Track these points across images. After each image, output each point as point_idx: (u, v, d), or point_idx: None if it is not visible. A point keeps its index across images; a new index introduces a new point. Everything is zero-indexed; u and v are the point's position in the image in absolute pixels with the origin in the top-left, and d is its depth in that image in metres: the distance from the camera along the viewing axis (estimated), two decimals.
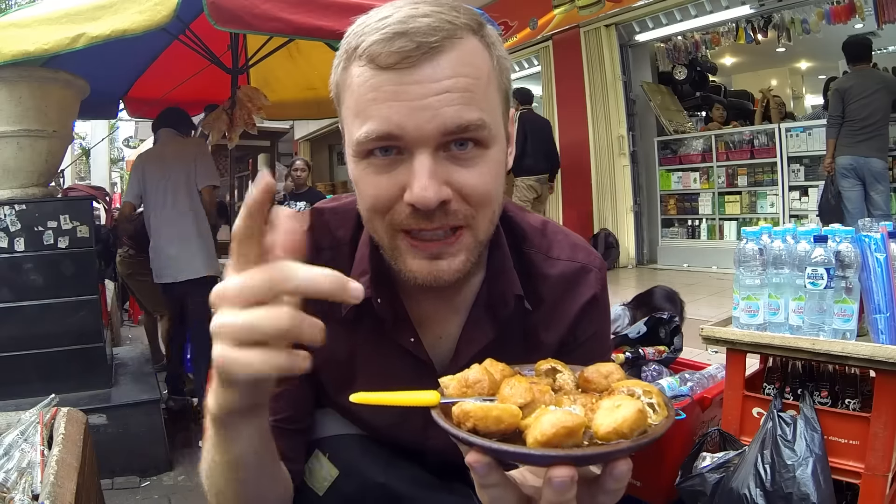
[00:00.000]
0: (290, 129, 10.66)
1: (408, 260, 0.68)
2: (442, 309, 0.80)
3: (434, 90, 0.62)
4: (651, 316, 2.46)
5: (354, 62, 0.65)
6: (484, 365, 0.59)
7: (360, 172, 0.67)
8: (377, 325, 0.77)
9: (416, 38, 0.61)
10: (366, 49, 0.63)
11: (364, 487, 0.80)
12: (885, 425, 1.51)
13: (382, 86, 0.62)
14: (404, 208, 0.64)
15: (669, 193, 7.00)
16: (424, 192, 0.62)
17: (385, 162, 0.64)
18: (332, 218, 0.82)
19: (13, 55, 2.29)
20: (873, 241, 1.55)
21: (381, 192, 0.65)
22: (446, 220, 0.65)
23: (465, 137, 0.64)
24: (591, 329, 0.84)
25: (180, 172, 3.34)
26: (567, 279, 0.83)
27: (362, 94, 0.64)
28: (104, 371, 2.91)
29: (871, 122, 4.66)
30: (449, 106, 0.62)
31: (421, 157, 0.63)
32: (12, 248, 2.66)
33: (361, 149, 0.65)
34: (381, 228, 0.68)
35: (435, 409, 0.54)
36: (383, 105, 0.62)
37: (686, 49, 7.00)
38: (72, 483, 1.19)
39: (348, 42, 0.66)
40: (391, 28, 0.62)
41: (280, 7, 2.31)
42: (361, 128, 0.63)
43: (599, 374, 0.58)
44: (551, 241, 0.84)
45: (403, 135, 0.62)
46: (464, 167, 0.64)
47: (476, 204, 0.66)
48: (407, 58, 0.61)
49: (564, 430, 0.47)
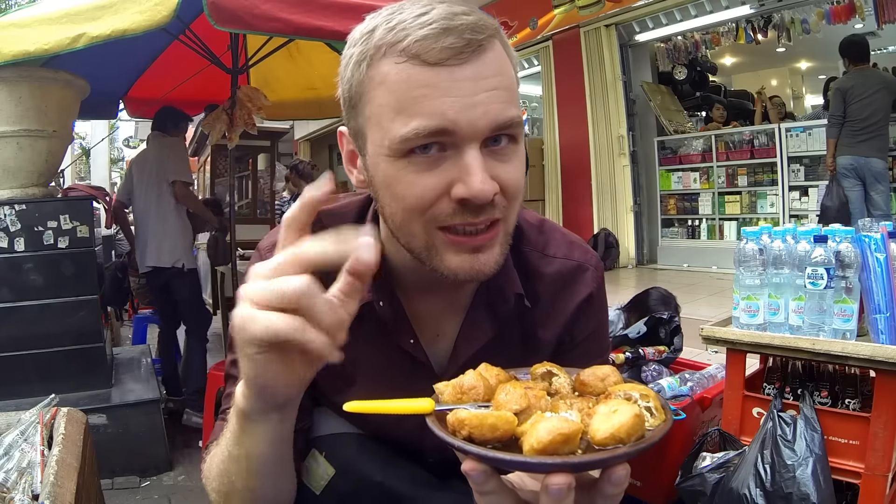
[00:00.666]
0: (290, 129, 10.65)
1: (447, 257, 0.67)
2: (439, 309, 0.80)
3: (484, 87, 0.62)
4: (651, 316, 2.46)
5: (388, 58, 0.63)
6: (479, 370, 0.58)
7: (398, 172, 0.64)
8: (376, 326, 0.77)
9: (464, 35, 0.62)
10: (409, 45, 0.62)
11: (361, 486, 0.80)
12: (885, 425, 1.51)
13: (433, 82, 0.61)
14: (448, 205, 0.64)
15: (669, 193, 7.00)
16: (483, 185, 0.62)
17: (429, 160, 0.63)
18: (329, 221, 0.80)
19: (13, 55, 2.29)
20: (873, 241, 1.55)
21: (426, 190, 0.64)
22: (491, 214, 0.65)
23: (507, 133, 0.65)
24: (589, 328, 0.85)
25: (159, 169, 3.53)
26: (563, 277, 0.83)
27: (407, 91, 0.62)
28: (104, 371, 2.91)
29: (871, 122, 4.66)
30: (497, 102, 0.63)
31: (472, 153, 0.62)
32: (12, 248, 2.66)
33: (404, 146, 0.63)
34: (419, 228, 0.66)
35: (430, 417, 0.54)
36: (436, 101, 0.61)
37: (686, 49, 7.00)
38: (72, 483, 1.19)
39: (378, 38, 0.64)
40: (438, 24, 0.61)
41: (280, 7, 2.31)
42: (408, 124, 0.62)
43: (596, 378, 0.58)
44: (548, 239, 0.85)
45: (456, 130, 0.62)
46: (502, 162, 0.65)
47: (511, 197, 0.67)
48: (458, 54, 0.61)
49: (561, 438, 0.47)
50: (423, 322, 0.80)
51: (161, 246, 3.49)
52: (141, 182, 3.60)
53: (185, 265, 3.49)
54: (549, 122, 7.58)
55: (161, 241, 3.49)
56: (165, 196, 3.52)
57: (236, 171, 5.20)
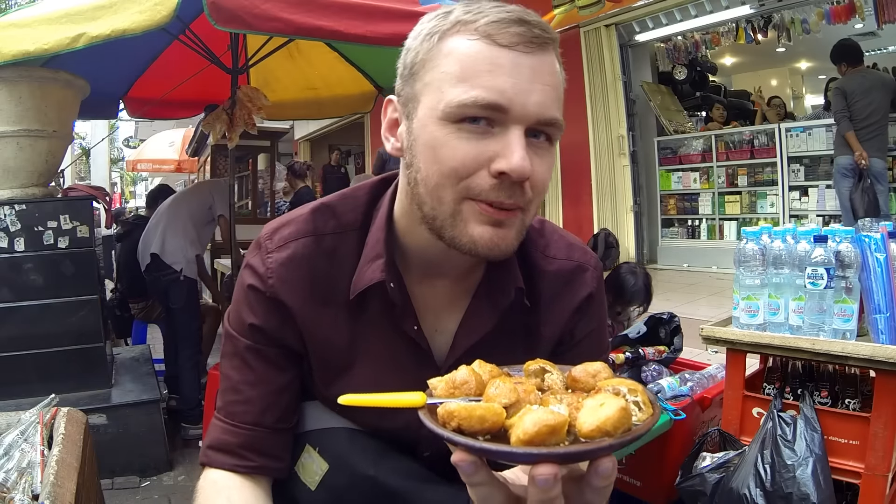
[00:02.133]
0: (290, 129, 10.66)
1: (471, 225, 0.69)
2: (444, 297, 0.81)
3: (541, 80, 0.67)
4: (651, 316, 2.46)
5: (462, 35, 0.68)
6: (472, 366, 0.59)
7: (446, 136, 0.67)
8: (382, 310, 0.78)
9: (535, 29, 0.67)
10: (483, 24, 0.67)
11: (354, 481, 0.80)
12: (885, 425, 1.51)
13: (500, 61, 0.66)
14: (485, 178, 0.67)
15: (669, 193, 6.99)
16: (524, 161, 0.65)
17: (477, 130, 0.66)
18: (340, 203, 0.82)
19: (13, 55, 2.28)
20: (873, 241, 1.55)
21: (467, 157, 0.66)
22: (519, 199, 0.68)
23: (546, 131, 0.69)
24: (588, 327, 0.86)
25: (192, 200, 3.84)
26: (563, 277, 0.84)
27: (474, 64, 0.66)
28: (104, 371, 2.91)
29: (871, 122, 4.66)
30: (550, 98, 0.68)
31: (517, 132, 0.66)
32: (12, 248, 2.66)
33: (459, 112, 0.66)
34: (450, 195, 0.68)
35: (422, 410, 0.55)
36: (498, 78, 0.65)
37: (686, 49, 6.99)
38: (72, 483, 1.19)
39: (452, 17, 0.69)
40: (513, 14, 0.67)
41: (280, 7, 2.31)
42: (469, 92, 0.65)
43: (587, 374, 0.59)
44: (548, 240, 0.86)
45: (510, 108, 0.65)
46: (538, 156, 0.68)
47: (537, 191, 0.70)
48: (527, 42, 0.67)
49: (547, 429, 0.48)
50: (427, 311, 0.80)
51: (170, 242, 3.53)
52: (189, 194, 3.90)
53: (182, 270, 3.50)
54: None
55: (172, 238, 3.54)
56: (198, 216, 3.73)
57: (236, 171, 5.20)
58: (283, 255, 0.78)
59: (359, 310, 0.79)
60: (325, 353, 0.81)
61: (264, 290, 0.78)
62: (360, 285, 0.77)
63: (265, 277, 0.78)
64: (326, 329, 0.79)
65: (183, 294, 3.54)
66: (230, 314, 0.83)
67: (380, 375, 0.80)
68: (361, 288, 0.77)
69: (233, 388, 0.80)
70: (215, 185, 4.13)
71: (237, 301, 0.81)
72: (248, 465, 0.79)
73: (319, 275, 0.78)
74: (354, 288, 0.77)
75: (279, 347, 0.80)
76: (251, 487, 0.79)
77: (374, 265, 0.76)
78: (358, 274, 0.78)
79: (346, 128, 11.51)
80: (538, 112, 0.66)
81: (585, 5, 6.83)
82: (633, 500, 1.99)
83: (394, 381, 0.78)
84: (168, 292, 3.57)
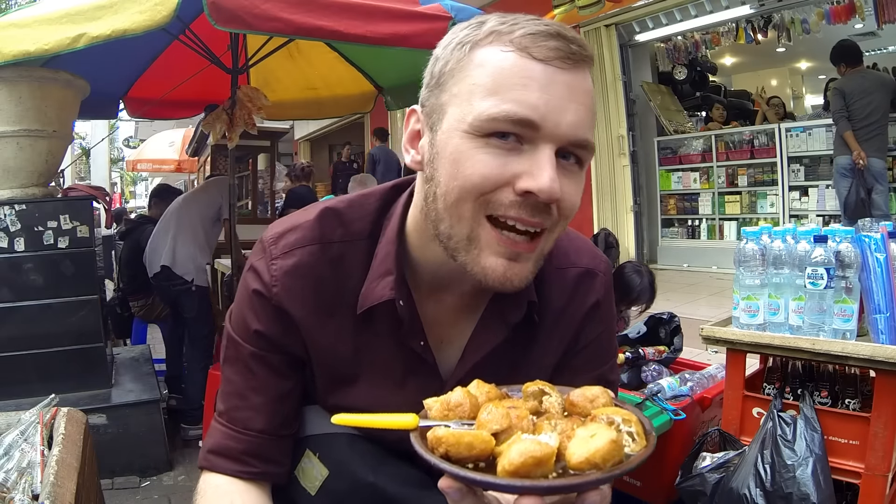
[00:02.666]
0: (290, 129, 10.65)
1: (485, 254, 0.66)
2: (453, 311, 0.79)
3: (577, 98, 0.65)
4: (651, 316, 2.46)
5: (495, 45, 0.65)
6: (468, 388, 0.59)
7: (471, 150, 0.64)
8: (390, 325, 0.76)
9: (572, 45, 0.64)
10: (518, 36, 0.64)
11: (354, 487, 0.80)
12: (885, 425, 1.51)
13: (534, 75, 0.63)
14: (509, 195, 0.64)
15: (669, 193, 6.99)
16: (553, 182, 0.62)
17: (505, 146, 0.64)
18: (348, 211, 0.79)
19: (13, 55, 2.28)
20: (873, 241, 1.55)
21: (493, 172, 0.64)
22: (544, 220, 0.65)
23: (576, 153, 0.66)
24: (595, 333, 0.84)
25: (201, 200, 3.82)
26: (571, 285, 0.82)
27: (507, 77, 0.63)
28: (104, 371, 2.91)
29: (870, 122, 4.66)
30: (583, 119, 0.65)
31: (548, 152, 0.63)
32: (12, 248, 2.66)
33: (487, 126, 0.63)
34: (468, 212, 0.66)
35: (414, 433, 0.56)
36: (532, 93, 0.63)
37: (686, 49, 6.99)
38: (72, 483, 1.19)
39: (490, 27, 0.66)
40: (550, 28, 0.65)
41: (280, 7, 2.30)
42: (500, 106, 0.63)
43: (585, 398, 0.58)
44: (557, 249, 0.82)
45: (542, 126, 0.63)
46: (566, 178, 0.66)
47: (564, 215, 0.67)
48: (564, 58, 0.64)
49: (532, 461, 0.47)
50: (435, 326, 0.79)
51: (181, 251, 3.51)
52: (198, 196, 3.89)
53: (194, 280, 3.48)
54: None
55: (183, 247, 3.52)
56: (208, 218, 3.70)
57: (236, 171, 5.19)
58: (288, 263, 0.76)
59: (365, 322, 0.77)
60: (329, 363, 0.80)
61: (269, 297, 0.76)
62: (369, 301, 0.75)
63: (270, 285, 0.76)
64: (331, 339, 0.78)
65: (195, 304, 3.53)
66: (232, 316, 0.81)
67: (382, 387, 0.79)
68: (370, 304, 0.75)
69: (237, 393, 0.80)
70: (223, 183, 4.09)
71: (240, 304, 0.80)
72: (250, 472, 0.78)
73: (325, 284, 0.77)
74: (362, 303, 0.75)
75: (283, 354, 0.79)
76: (253, 492, 0.78)
77: (383, 282, 0.74)
78: (366, 288, 0.76)
79: (346, 128, 11.51)
80: (571, 132, 0.64)
81: (585, 5, 6.83)
82: (633, 500, 1.99)
83: (396, 394, 0.78)
84: (180, 302, 3.57)
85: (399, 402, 0.78)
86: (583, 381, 0.82)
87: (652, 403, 1.95)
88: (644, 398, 1.97)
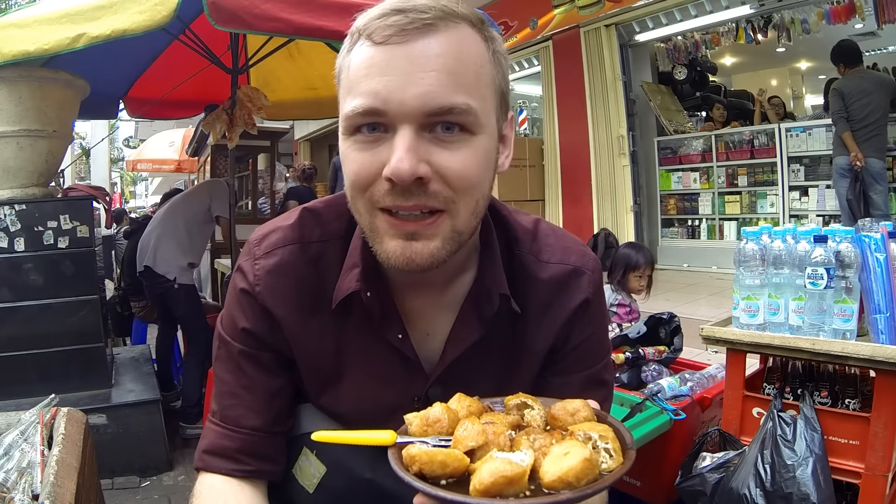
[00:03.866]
0: (290, 129, 10.65)
1: (385, 240, 0.67)
2: (431, 306, 0.79)
3: (422, 66, 0.62)
4: (651, 316, 2.46)
5: (357, 43, 0.66)
6: (449, 403, 0.59)
7: (346, 150, 0.67)
8: (366, 319, 0.77)
9: (410, 14, 0.63)
10: (365, 25, 0.65)
11: (352, 484, 0.80)
12: (885, 425, 1.51)
13: (374, 61, 0.63)
14: (383, 185, 0.64)
15: (669, 193, 6.99)
16: (400, 163, 0.61)
17: (370, 139, 0.65)
18: (326, 211, 0.81)
19: (13, 55, 2.28)
20: (873, 241, 1.55)
21: (362, 168, 0.65)
22: (424, 200, 0.64)
23: (451, 121, 0.64)
24: (584, 333, 0.82)
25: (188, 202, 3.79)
26: (558, 282, 0.81)
27: (356, 71, 0.65)
28: (104, 371, 2.91)
29: (870, 122, 4.65)
30: (437, 85, 0.62)
31: (402, 133, 0.63)
32: (12, 248, 2.66)
33: (349, 124, 0.66)
34: (362, 207, 0.68)
35: (391, 449, 0.56)
36: (373, 80, 0.63)
37: (686, 49, 6.98)
38: (72, 483, 1.19)
39: (354, 26, 0.67)
40: (391, 5, 0.64)
41: (280, 7, 2.31)
42: (351, 103, 0.65)
43: (566, 412, 0.59)
44: (542, 244, 0.82)
45: (388, 110, 0.63)
46: (446, 149, 0.64)
47: (457, 188, 0.65)
48: (400, 31, 0.63)
49: (503, 480, 0.48)
50: (414, 319, 0.79)
51: (161, 252, 3.50)
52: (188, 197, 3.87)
53: (176, 279, 3.48)
54: (549, 122, 7.57)
55: (164, 248, 3.51)
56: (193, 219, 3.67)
57: (236, 171, 5.20)
58: (269, 263, 0.77)
59: (345, 319, 0.78)
60: (313, 363, 0.80)
61: (254, 295, 0.78)
62: (340, 294, 0.76)
63: (253, 284, 0.77)
64: (314, 338, 0.79)
65: (181, 301, 3.53)
66: (223, 318, 0.82)
67: (367, 385, 0.79)
68: (340, 297, 0.76)
69: (229, 392, 0.80)
70: (214, 185, 4.13)
71: (230, 305, 0.81)
72: (245, 470, 0.79)
73: (305, 283, 0.78)
74: (336, 297, 0.76)
75: (271, 352, 0.80)
76: (248, 491, 0.78)
77: (351, 274, 0.75)
78: (339, 282, 0.77)
79: None
80: (421, 104, 0.62)
81: (585, 5, 6.84)
82: (633, 500, 1.99)
83: (382, 391, 0.78)
84: (165, 301, 3.59)
85: (386, 399, 0.78)
86: (575, 380, 0.82)
87: (652, 403, 1.95)
88: (644, 398, 1.97)
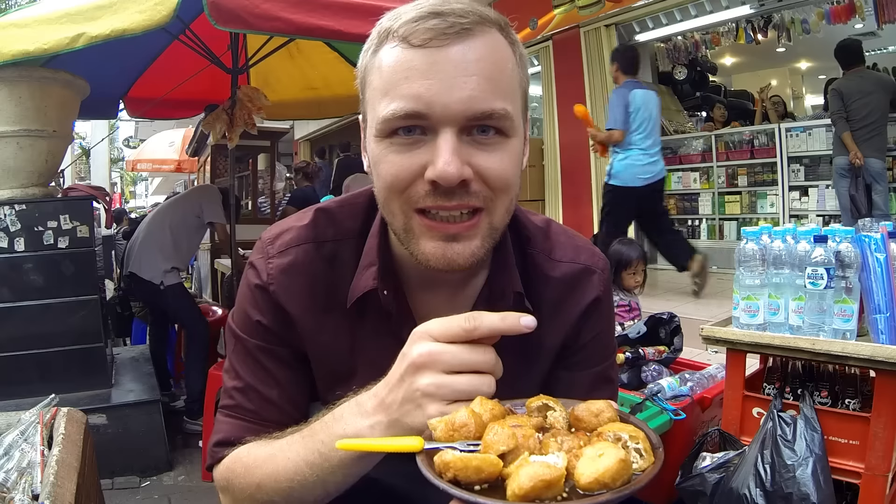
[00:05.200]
0: (290, 129, 10.65)
1: (422, 242, 0.68)
2: (445, 305, 0.79)
3: (465, 70, 0.63)
4: (651, 316, 2.46)
5: (386, 43, 0.66)
6: (472, 405, 0.59)
7: (382, 152, 0.67)
8: (381, 318, 0.78)
9: (449, 18, 0.63)
10: (400, 27, 0.65)
11: (359, 482, 0.80)
12: (885, 425, 1.51)
13: (414, 64, 0.63)
14: (423, 186, 0.65)
15: (669, 193, 6.98)
16: (447, 166, 0.63)
17: (408, 141, 0.65)
18: (340, 211, 0.82)
19: (13, 55, 2.28)
20: (873, 241, 1.55)
21: (402, 170, 0.66)
22: (466, 200, 0.66)
23: (489, 125, 0.65)
24: (594, 331, 0.84)
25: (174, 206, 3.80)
26: (569, 281, 0.83)
27: (392, 73, 0.65)
28: (104, 371, 2.91)
29: (869, 122, 4.65)
30: (478, 90, 0.63)
31: (445, 135, 0.64)
32: (12, 248, 2.66)
33: (386, 127, 0.65)
34: (398, 209, 0.68)
35: (420, 456, 0.55)
36: (414, 83, 0.63)
37: (686, 49, 6.98)
38: (72, 483, 1.19)
39: (381, 26, 0.67)
40: (427, 8, 0.64)
41: (280, 7, 2.31)
42: (389, 106, 0.64)
43: (590, 413, 0.58)
44: (554, 243, 0.84)
45: (431, 113, 0.63)
46: (485, 151, 0.66)
47: (495, 188, 0.67)
48: (441, 35, 0.63)
49: (542, 484, 0.48)
50: (428, 318, 0.79)
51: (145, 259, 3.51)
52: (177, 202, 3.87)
53: (162, 283, 3.48)
54: (549, 122, 7.56)
55: (147, 256, 3.52)
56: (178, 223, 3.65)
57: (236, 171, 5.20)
58: (284, 262, 0.78)
59: (359, 318, 0.79)
60: (327, 360, 0.80)
61: (269, 291, 0.78)
62: (356, 293, 0.77)
63: (267, 283, 0.78)
64: (328, 336, 0.79)
65: (170, 300, 3.54)
66: (234, 315, 0.83)
67: None
68: (356, 295, 0.76)
69: (246, 387, 0.80)
70: (204, 191, 4.12)
71: (242, 301, 0.81)
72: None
73: (320, 282, 0.78)
74: (351, 296, 0.77)
75: (287, 347, 0.80)
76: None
77: (367, 272, 0.76)
78: (354, 281, 0.77)
79: (345, 128, 11.50)
80: (465, 108, 0.63)
81: (585, 5, 6.84)
82: (634, 500, 1.99)
83: None
84: (155, 302, 3.62)
85: None
86: (585, 378, 0.83)
87: (652, 403, 1.95)
88: (644, 398, 1.97)
